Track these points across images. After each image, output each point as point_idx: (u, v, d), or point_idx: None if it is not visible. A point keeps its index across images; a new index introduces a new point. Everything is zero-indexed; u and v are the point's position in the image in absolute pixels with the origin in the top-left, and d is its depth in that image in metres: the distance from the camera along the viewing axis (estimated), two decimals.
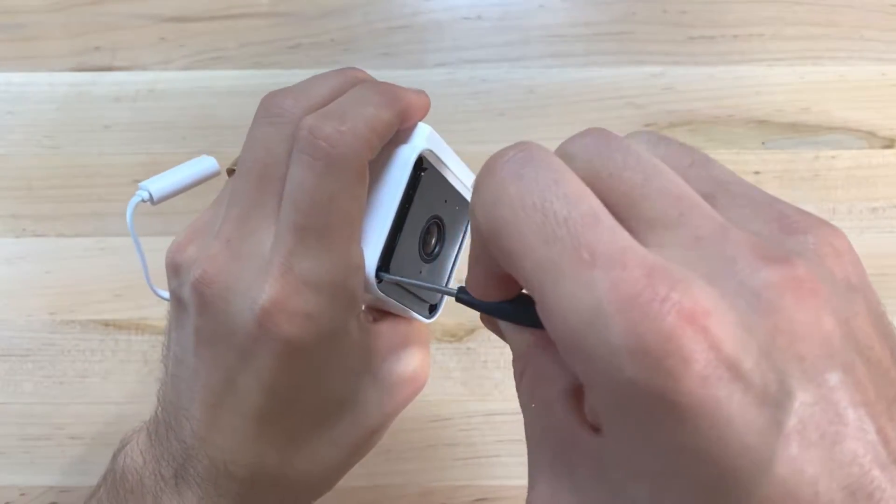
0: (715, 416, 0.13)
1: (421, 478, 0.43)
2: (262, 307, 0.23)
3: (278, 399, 0.25)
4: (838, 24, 0.45)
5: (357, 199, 0.23)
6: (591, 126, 0.18)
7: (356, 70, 0.27)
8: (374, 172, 0.25)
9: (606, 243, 0.14)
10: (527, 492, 0.18)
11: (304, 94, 0.25)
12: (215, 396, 0.25)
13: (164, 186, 0.27)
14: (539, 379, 0.18)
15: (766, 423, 0.13)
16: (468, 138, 0.44)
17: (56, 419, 0.43)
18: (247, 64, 0.45)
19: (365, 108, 0.23)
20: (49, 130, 0.45)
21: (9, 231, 0.45)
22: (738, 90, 0.45)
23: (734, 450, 0.13)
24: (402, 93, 0.25)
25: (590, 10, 0.45)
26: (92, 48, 0.46)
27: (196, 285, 0.24)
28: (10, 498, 0.43)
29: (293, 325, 0.23)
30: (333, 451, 0.27)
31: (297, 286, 0.23)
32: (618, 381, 0.13)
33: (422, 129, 0.26)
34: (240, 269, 0.24)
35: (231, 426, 0.25)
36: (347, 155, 0.23)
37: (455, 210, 0.28)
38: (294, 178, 0.23)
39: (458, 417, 0.43)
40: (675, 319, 0.13)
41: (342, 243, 0.23)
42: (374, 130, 0.23)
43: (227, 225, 0.24)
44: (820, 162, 0.44)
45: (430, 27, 0.45)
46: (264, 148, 0.24)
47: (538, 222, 0.15)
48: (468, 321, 0.44)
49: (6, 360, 0.44)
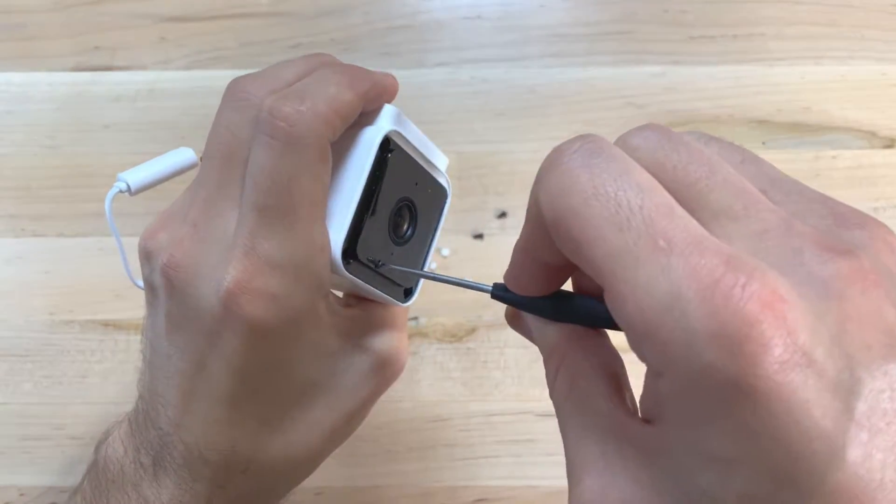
0: (791, 401, 0.13)
1: (421, 478, 0.43)
2: (227, 289, 0.23)
3: (249, 382, 0.25)
4: (839, 24, 0.45)
5: (318, 178, 0.23)
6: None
7: (324, 55, 0.27)
8: (339, 154, 0.25)
9: (682, 231, 0.14)
10: (569, 490, 0.18)
11: (268, 79, 0.25)
12: (188, 381, 0.25)
13: (142, 177, 0.27)
14: (578, 374, 0.19)
15: (839, 409, 0.13)
16: (468, 138, 0.44)
17: (56, 419, 0.43)
18: (247, 64, 0.45)
19: (326, 88, 0.24)
20: (49, 130, 0.45)
21: (8, 231, 0.45)
22: (738, 90, 0.45)
23: (809, 434, 0.13)
24: (367, 74, 0.25)
25: (590, 9, 0.45)
26: (92, 48, 0.46)
27: (164, 270, 0.24)
28: (9, 498, 0.43)
29: (257, 306, 0.23)
30: (309, 436, 0.27)
31: (260, 267, 0.23)
32: (695, 365, 0.14)
33: (388, 110, 0.26)
34: (205, 252, 0.24)
35: (203, 410, 0.25)
36: (306, 134, 0.23)
37: (427, 193, 0.28)
38: (255, 159, 0.23)
39: (458, 417, 0.43)
40: (756, 306, 0.13)
41: (305, 223, 0.23)
42: (334, 110, 0.23)
43: (193, 209, 0.25)
44: (820, 162, 0.44)
45: (430, 27, 0.45)
46: (228, 132, 0.24)
47: (611, 211, 0.15)
48: (468, 321, 0.44)
49: (6, 361, 0.44)
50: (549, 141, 0.45)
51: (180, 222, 0.25)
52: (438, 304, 0.44)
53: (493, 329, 0.44)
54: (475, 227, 0.44)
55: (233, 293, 0.23)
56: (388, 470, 0.43)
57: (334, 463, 0.43)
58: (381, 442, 0.43)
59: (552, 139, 0.45)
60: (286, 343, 0.25)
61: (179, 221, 0.25)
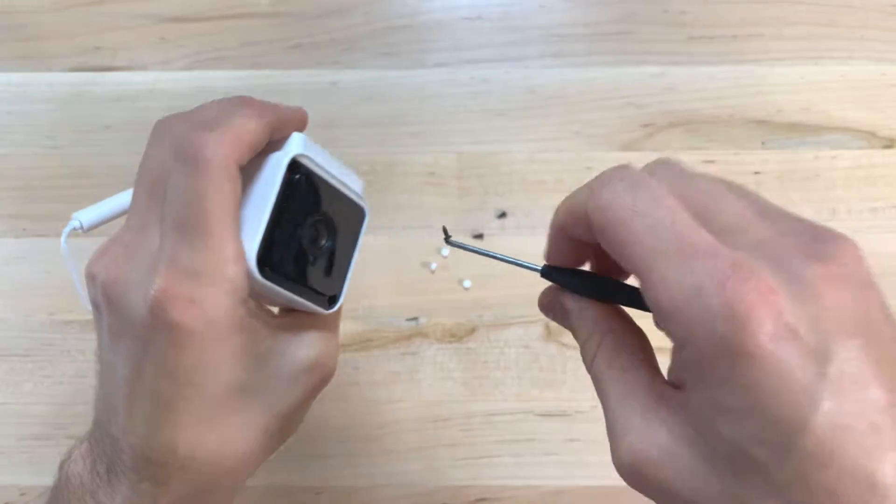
0: (780, 364, 0.19)
1: (422, 478, 0.43)
2: (153, 297, 0.26)
3: (180, 383, 0.27)
4: (838, 24, 0.45)
5: (227, 196, 0.26)
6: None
7: (243, 96, 0.30)
8: (253, 176, 0.29)
9: (702, 242, 0.20)
10: (612, 449, 0.23)
11: (187, 116, 0.29)
12: (129, 386, 0.27)
13: (94, 216, 0.31)
14: (620, 349, 0.24)
15: (816, 371, 0.19)
16: (468, 138, 0.45)
17: (56, 419, 0.43)
18: (247, 64, 0.45)
19: (233, 118, 0.27)
20: (49, 130, 0.45)
21: (9, 231, 0.45)
22: (738, 90, 0.45)
23: (793, 388, 0.19)
24: (273, 107, 0.29)
25: (590, 10, 0.45)
26: (92, 48, 0.46)
27: (102, 287, 0.28)
28: (9, 498, 0.43)
29: (180, 312, 0.26)
30: (244, 435, 0.29)
31: (179, 276, 0.26)
32: (712, 338, 0.19)
33: (296, 137, 0.29)
34: (135, 268, 0.27)
35: (143, 412, 0.27)
36: (213, 158, 0.26)
37: (343, 211, 0.31)
38: (171, 183, 0.27)
39: (458, 417, 0.43)
40: (755, 296, 0.19)
41: (217, 236, 0.26)
42: (239, 137, 0.27)
43: (126, 232, 0.28)
44: (820, 162, 0.44)
45: (430, 27, 0.45)
46: (152, 163, 0.28)
47: (649, 224, 0.21)
48: (468, 321, 0.44)
49: (6, 360, 0.44)
50: (548, 141, 0.46)
51: (116, 246, 0.28)
52: (438, 304, 0.44)
53: (493, 329, 0.44)
54: (475, 226, 0.44)
55: (158, 300, 0.26)
56: (388, 470, 0.43)
57: (335, 463, 0.43)
58: (382, 442, 0.43)
59: (552, 139, 0.46)
60: (210, 345, 0.27)
61: (116, 245, 0.28)
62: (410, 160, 0.44)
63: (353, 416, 0.43)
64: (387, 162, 0.44)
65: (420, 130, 0.45)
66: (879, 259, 0.44)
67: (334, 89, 0.45)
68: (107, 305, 0.28)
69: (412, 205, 0.44)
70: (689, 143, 0.44)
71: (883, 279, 0.47)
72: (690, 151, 0.44)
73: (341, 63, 0.45)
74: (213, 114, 0.28)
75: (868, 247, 0.47)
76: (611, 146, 0.44)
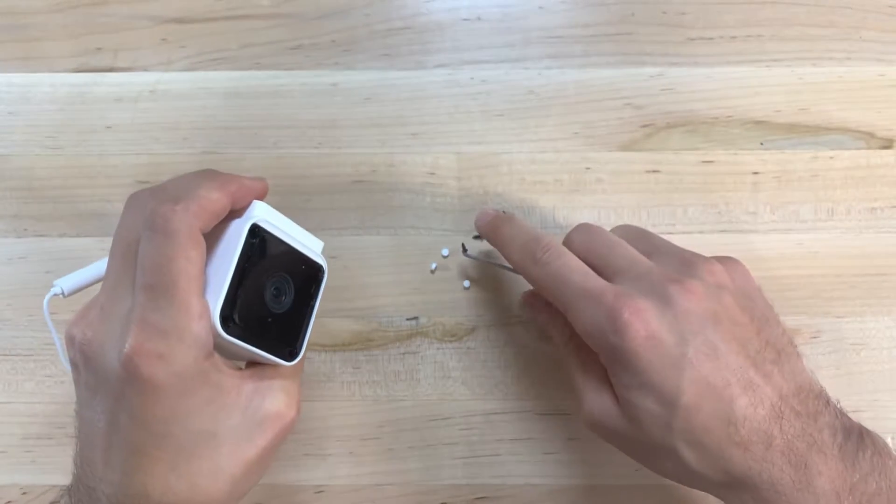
0: (653, 354, 0.30)
1: (421, 477, 0.43)
2: (125, 354, 0.28)
3: (151, 432, 0.29)
4: (837, 24, 0.45)
5: (192, 260, 0.29)
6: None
7: (210, 170, 0.33)
8: (217, 240, 0.32)
9: (595, 286, 0.33)
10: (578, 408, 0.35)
11: (157, 190, 0.31)
12: (104, 438, 0.30)
13: (74, 283, 0.34)
14: (580, 344, 0.34)
15: (678, 353, 0.30)
16: (468, 139, 0.45)
17: (57, 418, 0.44)
18: (248, 65, 0.45)
19: (197, 190, 0.30)
20: (51, 131, 0.45)
21: (10, 231, 0.45)
22: (736, 91, 0.45)
23: (666, 367, 0.30)
24: (235, 178, 0.32)
25: (589, 11, 0.46)
26: (93, 49, 0.46)
27: (80, 347, 0.30)
28: (11, 497, 0.43)
29: (150, 366, 0.28)
30: (213, 482, 0.31)
31: (149, 334, 0.28)
32: (608, 343, 0.31)
33: (257, 205, 0.33)
34: (109, 328, 0.29)
35: (118, 462, 0.30)
36: (179, 227, 0.29)
37: (301, 269, 0.34)
38: (142, 250, 0.29)
39: (458, 417, 0.43)
40: (629, 313, 0.31)
41: (183, 296, 0.29)
42: (202, 207, 0.30)
43: (102, 295, 0.31)
44: (818, 162, 0.44)
45: (430, 28, 0.46)
46: (125, 232, 0.31)
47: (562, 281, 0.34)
48: (468, 321, 0.44)
49: (8, 360, 0.44)
50: (548, 142, 0.46)
51: (93, 309, 0.31)
52: (438, 304, 0.44)
53: (493, 329, 0.44)
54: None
55: (129, 357, 0.28)
56: (388, 468, 0.43)
57: (335, 462, 0.43)
58: (382, 440, 0.43)
59: (551, 140, 0.46)
60: (179, 396, 0.29)
61: (93, 308, 0.31)
62: (410, 160, 0.44)
63: (353, 416, 0.43)
64: (387, 162, 0.44)
65: (420, 131, 0.45)
66: (878, 259, 0.44)
67: (335, 90, 0.45)
68: (84, 363, 0.30)
69: (412, 205, 0.44)
70: (687, 144, 0.44)
71: (881, 280, 0.47)
72: (689, 152, 0.44)
73: (342, 64, 0.45)
74: (180, 186, 0.31)
75: (866, 247, 0.47)
76: (610, 147, 0.44)
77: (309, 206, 0.44)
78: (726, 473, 0.30)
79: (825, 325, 0.44)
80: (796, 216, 0.44)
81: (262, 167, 0.45)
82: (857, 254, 0.44)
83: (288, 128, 0.45)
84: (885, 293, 0.44)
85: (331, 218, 0.44)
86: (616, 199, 0.44)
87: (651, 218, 0.44)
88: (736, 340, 0.31)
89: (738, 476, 0.30)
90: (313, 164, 0.45)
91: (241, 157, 0.45)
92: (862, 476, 0.29)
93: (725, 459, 0.30)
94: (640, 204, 0.44)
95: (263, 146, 0.45)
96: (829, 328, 0.44)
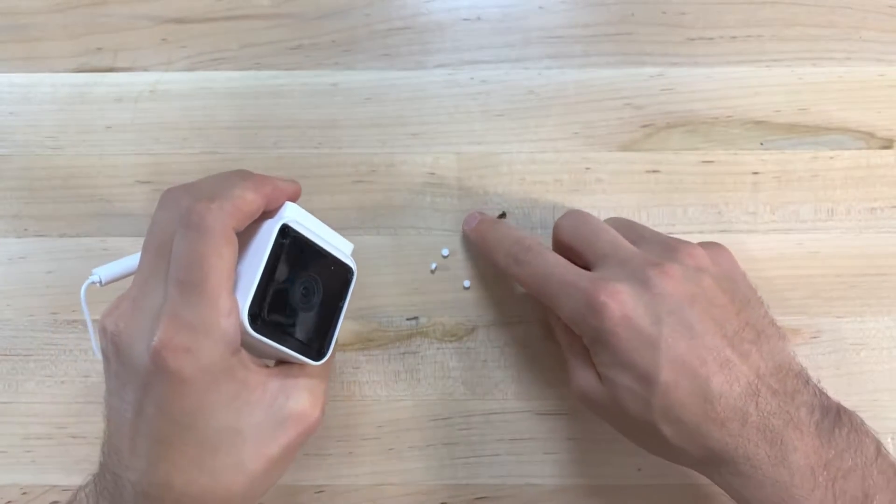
0: (629, 334, 0.32)
1: (421, 477, 0.43)
2: (154, 347, 0.29)
3: (176, 424, 0.30)
4: (837, 25, 0.45)
5: (224, 258, 0.30)
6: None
7: (245, 170, 0.34)
8: (249, 240, 0.32)
9: (575, 276, 0.34)
10: (569, 384, 0.36)
11: (191, 187, 0.32)
12: (131, 427, 0.30)
13: (111, 273, 0.35)
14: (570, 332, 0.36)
15: (653, 334, 0.32)
16: (468, 138, 0.45)
17: (58, 418, 0.44)
18: (248, 65, 0.45)
19: (232, 190, 0.31)
20: (51, 131, 0.45)
21: (11, 231, 0.45)
22: (736, 91, 0.45)
23: (643, 346, 0.32)
24: (269, 180, 0.33)
25: (589, 11, 0.46)
26: (94, 49, 0.46)
27: (111, 338, 0.31)
28: (11, 497, 0.43)
29: (177, 359, 0.29)
30: (234, 477, 0.31)
31: (178, 328, 0.29)
32: (589, 325, 0.33)
33: (289, 206, 0.33)
34: (140, 320, 0.30)
35: (143, 450, 0.30)
36: (213, 225, 0.29)
37: (331, 270, 0.35)
38: (176, 246, 0.30)
39: (458, 417, 0.43)
40: (607, 297, 0.32)
41: (214, 292, 0.29)
42: (237, 207, 0.30)
43: (134, 289, 0.31)
44: (818, 162, 0.44)
45: (430, 28, 0.46)
46: (159, 228, 0.31)
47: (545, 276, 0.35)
48: (468, 321, 0.44)
49: (8, 360, 0.44)
50: (548, 142, 0.46)
51: (125, 301, 0.31)
52: (438, 304, 0.44)
53: (493, 329, 0.44)
54: None
55: (158, 350, 0.29)
56: (388, 468, 0.43)
57: (335, 462, 0.43)
58: (382, 440, 0.43)
59: (551, 140, 0.46)
60: (204, 390, 0.30)
61: (125, 301, 0.31)
62: (410, 160, 0.44)
63: (353, 416, 0.43)
64: (387, 162, 0.45)
65: (420, 131, 0.45)
66: (878, 259, 0.44)
67: (335, 90, 0.45)
68: (115, 354, 0.31)
69: (412, 205, 0.44)
70: (687, 144, 0.44)
71: (881, 280, 0.47)
72: (689, 152, 0.44)
73: (342, 64, 0.45)
74: (216, 185, 0.32)
75: (866, 247, 0.47)
76: (610, 147, 0.44)
77: (309, 206, 0.44)
78: (704, 449, 0.31)
79: (825, 325, 0.44)
80: (796, 216, 0.44)
81: (262, 167, 0.45)
82: (856, 254, 0.44)
83: (288, 128, 0.45)
84: (885, 293, 0.44)
85: (331, 218, 0.44)
86: (616, 199, 0.44)
87: (651, 218, 0.44)
88: (713, 320, 0.32)
89: (715, 451, 0.31)
90: (313, 164, 0.45)
91: (241, 157, 0.45)
92: (837, 452, 0.30)
93: (703, 435, 0.31)
94: (640, 204, 0.44)
95: (263, 146, 0.45)
96: (828, 328, 0.44)
